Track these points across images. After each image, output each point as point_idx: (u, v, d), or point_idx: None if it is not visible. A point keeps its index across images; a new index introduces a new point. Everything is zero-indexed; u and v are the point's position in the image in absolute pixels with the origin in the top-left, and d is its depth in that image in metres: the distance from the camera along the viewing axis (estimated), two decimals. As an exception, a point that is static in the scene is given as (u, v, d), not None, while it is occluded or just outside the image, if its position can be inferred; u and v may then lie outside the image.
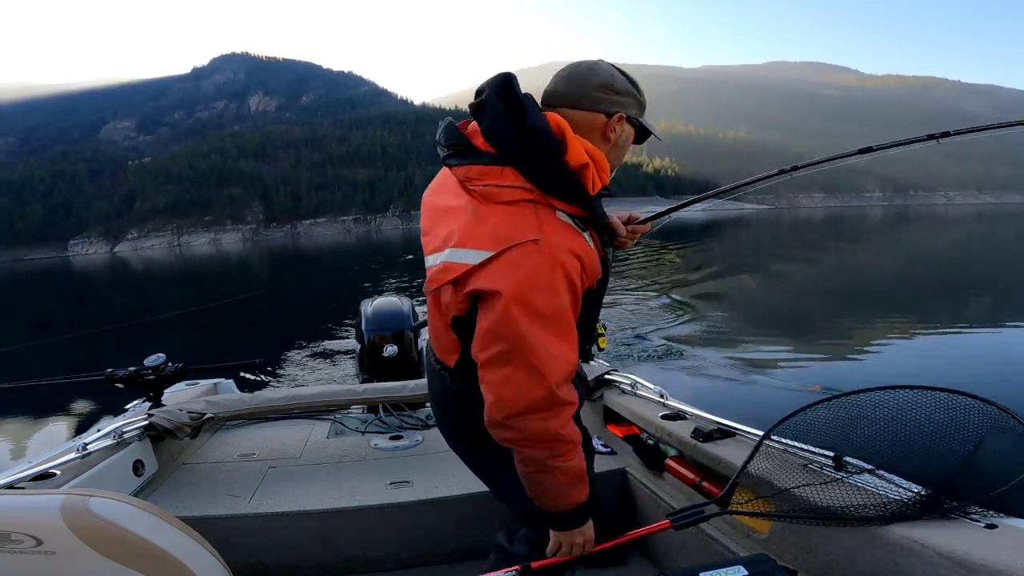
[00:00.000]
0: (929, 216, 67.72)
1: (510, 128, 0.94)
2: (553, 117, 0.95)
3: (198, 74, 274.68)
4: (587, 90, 1.01)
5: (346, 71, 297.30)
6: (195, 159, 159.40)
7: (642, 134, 1.11)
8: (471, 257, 0.92)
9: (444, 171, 1.08)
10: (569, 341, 0.93)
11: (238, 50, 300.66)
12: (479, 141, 0.98)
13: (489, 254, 0.90)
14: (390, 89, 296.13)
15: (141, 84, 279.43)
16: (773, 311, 9.02)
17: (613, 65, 1.04)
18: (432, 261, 1.01)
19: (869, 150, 1.47)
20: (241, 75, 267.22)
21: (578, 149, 0.94)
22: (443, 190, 1.07)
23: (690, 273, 14.81)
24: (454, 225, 0.97)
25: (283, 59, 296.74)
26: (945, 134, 1.39)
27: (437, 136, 1.05)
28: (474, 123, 1.00)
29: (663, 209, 1.45)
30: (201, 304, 13.28)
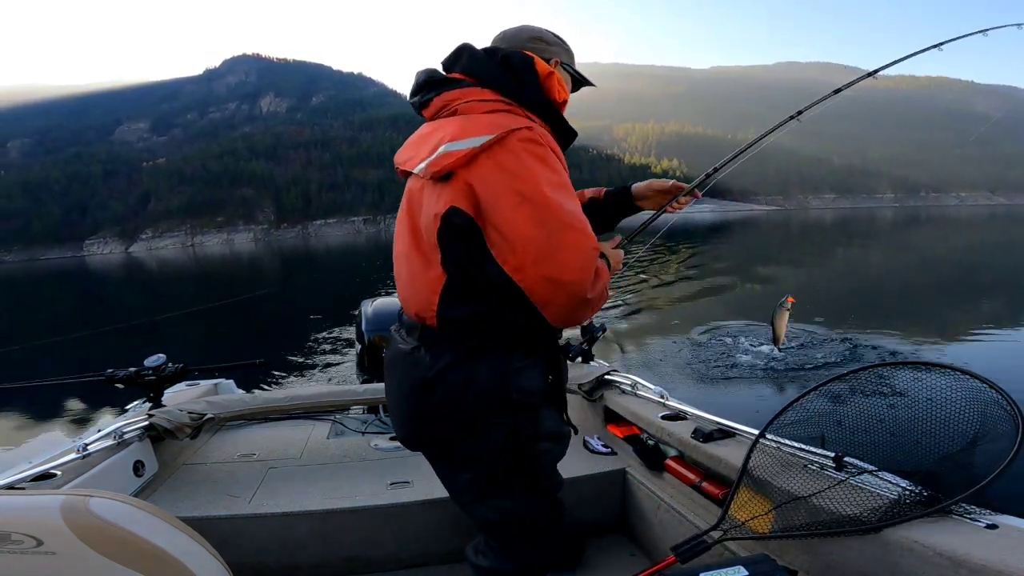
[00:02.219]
0: (941, 218, 66.85)
1: (488, 59, 1.07)
2: (516, 51, 1.09)
3: (210, 75, 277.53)
4: (522, 43, 1.13)
5: (355, 72, 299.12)
6: (208, 160, 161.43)
7: (576, 84, 1.23)
8: (471, 143, 0.93)
9: (419, 128, 1.16)
10: (581, 212, 0.97)
11: (249, 51, 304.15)
12: (458, 76, 1.09)
13: (489, 137, 0.92)
14: (399, 90, 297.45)
15: (154, 85, 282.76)
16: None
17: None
18: (421, 165, 1.00)
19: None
20: (252, 76, 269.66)
21: (542, 63, 1.08)
22: (419, 132, 1.13)
23: (694, 274, 14.77)
24: (444, 132, 1.00)
25: (293, 60, 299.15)
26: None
27: (413, 85, 1.14)
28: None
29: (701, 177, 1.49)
30: (204, 304, 13.42)
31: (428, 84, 1.10)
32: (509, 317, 1.00)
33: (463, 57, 1.09)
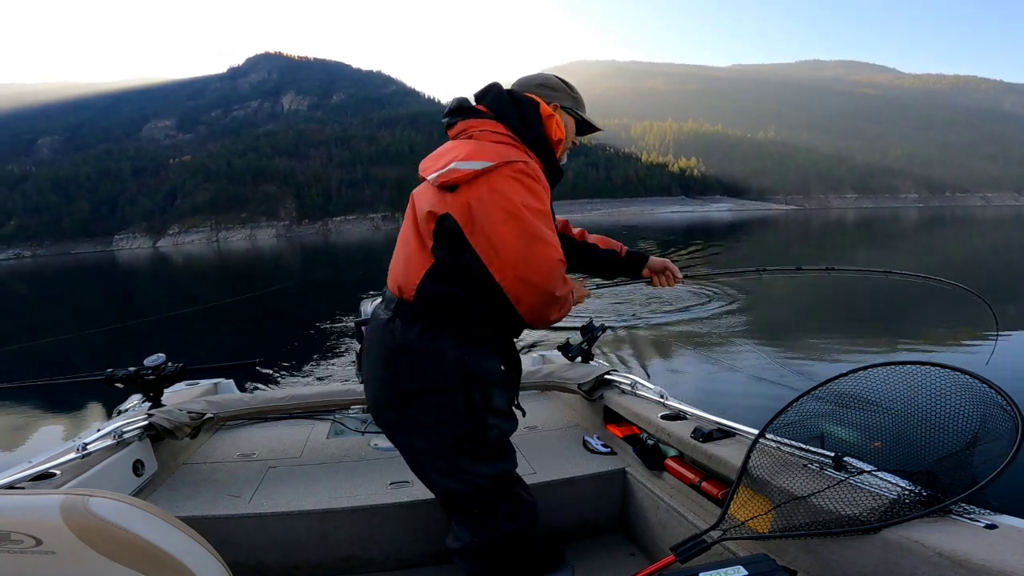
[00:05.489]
0: (967, 218, 65.47)
1: (506, 97, 1.30)
2: (530, 95, 1.33)
3: (234, 73, 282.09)
4: (530, 88, 1.36)
5: (375, 71, 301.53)
6: (232, 157, 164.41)
7: (582, 127, 1.43)
8: (475, 165, 1.14)
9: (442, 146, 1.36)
10: (555, 234, 1.21)
11: (271, 50, 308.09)
12: (481, 108, 1.31)
13: (490, 164, 1.14)
14: (418, 88, 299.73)
15: (180, 83, 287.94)
16: (779, 312, 8.92)
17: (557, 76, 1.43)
18: (434, 175, 1.20)
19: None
20: (274, 75, 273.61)
21: (546, 107, 1.31)
22: (441, 147, 1.32)
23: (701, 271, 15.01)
24: (457, 152, 1.21)
25: (314, 59, 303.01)
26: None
27: (447, 108, 1.35)
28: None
29: (708, 273, 1.81)
30: (221, 300, 13.51)
31: (456, 110, 1.31)
32: (477, 304, 1.20)
33: (490, 94, 1.31)
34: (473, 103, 1.33)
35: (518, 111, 1.28)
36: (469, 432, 1.21)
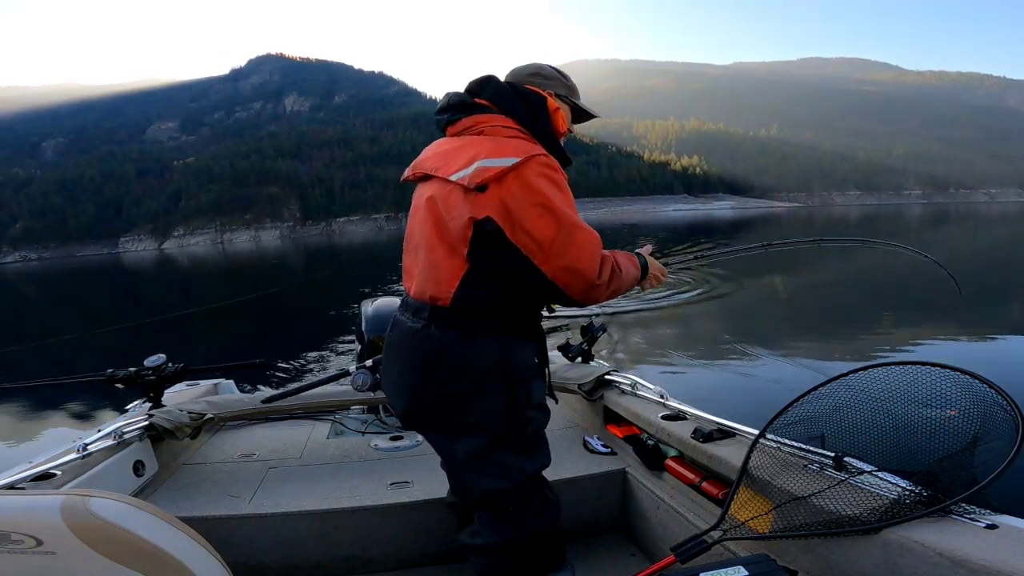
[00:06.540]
0: (971, 214, 65.15)
1: (510, 91, 1.29)
2: (532, 88, 1.32)
3: (236, 75, 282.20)
4: (522, 77, 1.35)
5: (376, 71, 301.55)
6: (235, 159, 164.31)
7: (578, 114, 1.43)
8: (503, 162, 1.13)
9: (437, 141, 1.34)
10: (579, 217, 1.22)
11: (273, 51, 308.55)
12: (484, 102, 1.28)
13: (517, 159, 1.13)
14: (419, 89, 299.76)
15: (183, 85, 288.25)
16: (780, 311, 8.95)
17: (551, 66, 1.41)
18: (459, 175, 1.17)
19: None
20: (276, 76, 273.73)
21: (552, 101, 1.31)
22: (444, 145, 1.30)
23: (701, 271, 14.99)
24: (476, 150, 1.18)
25: (316, 60, 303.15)
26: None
27: (440, 104, 1.33)
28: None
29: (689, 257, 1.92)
30: (209, 304, 13.62)
31: (459, 106, 1.29)
32: (511, 303, 1.22)
33: (489, 87, 1.29)
34: (467, 97, 1.30)
35: (524, 105, 1.27)
36: (509, 430, 1.23)
